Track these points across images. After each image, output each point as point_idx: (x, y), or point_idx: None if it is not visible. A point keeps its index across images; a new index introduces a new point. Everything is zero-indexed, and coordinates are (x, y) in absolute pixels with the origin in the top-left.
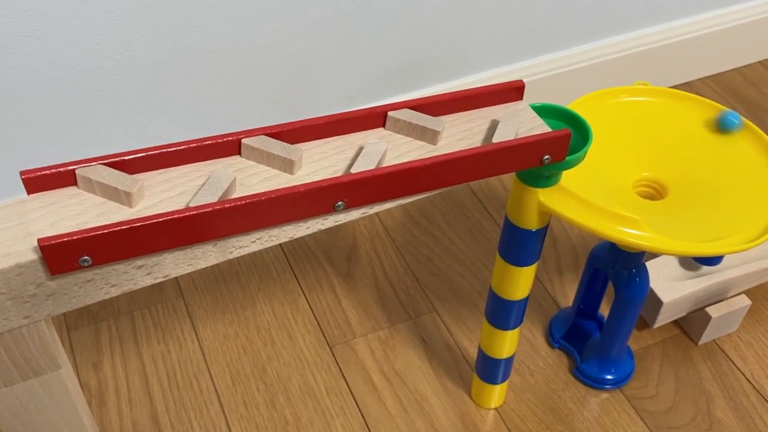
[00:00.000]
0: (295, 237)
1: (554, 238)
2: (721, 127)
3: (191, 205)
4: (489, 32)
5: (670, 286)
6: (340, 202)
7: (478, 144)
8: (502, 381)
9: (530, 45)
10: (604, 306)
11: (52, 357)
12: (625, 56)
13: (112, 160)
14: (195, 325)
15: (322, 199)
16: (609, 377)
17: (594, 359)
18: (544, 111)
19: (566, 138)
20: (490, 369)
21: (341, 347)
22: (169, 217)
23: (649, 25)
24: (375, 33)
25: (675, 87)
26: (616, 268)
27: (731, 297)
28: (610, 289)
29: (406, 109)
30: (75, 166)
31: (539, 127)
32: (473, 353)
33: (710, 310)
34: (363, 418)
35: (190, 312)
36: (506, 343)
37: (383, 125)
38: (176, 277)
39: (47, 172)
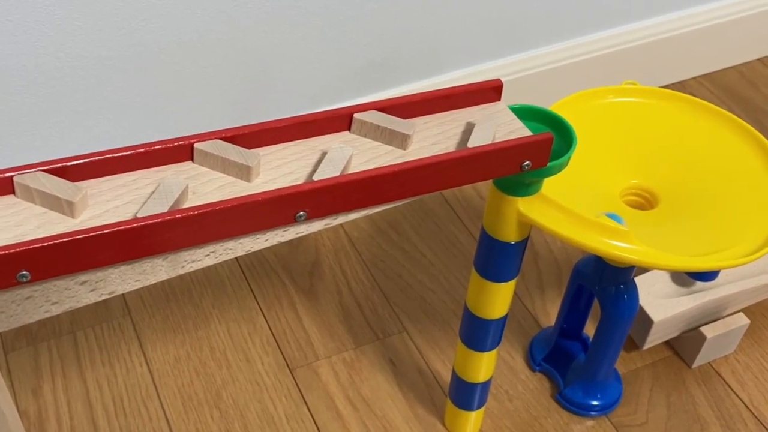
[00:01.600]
0: (253, 250)
1: (535, 251)
2: None
3: (139, 215)
4: (464, 27)
5: (661, 303)
6: (301, 213)
7: (451, 149)
8: (478, 407)
9: (509, 41)
10: (589, 325)
11: None
12: (612, 53)
13: (53, 166)
14: (143, 347)
15: (282, 209)
16: (595, 403)
17: (578, 383)
18: (524, 113)
19: (548, 142)
20: (465, 394)
21: (303, 370)
22: (115, 229)
23: (638, 20)
24: (340, 27)
25: (666, 87)
26: (602, 285)
27: (728, 315)
28: (595, 308)
29: (373, 111)
30: (12, 173)
31: (519, 130)
32: (447, 377)
33: (705, 329)
34: None
35: (138, 332)
36: (482, 366)
37: (348, 128)
38: (123, 294)
39: None
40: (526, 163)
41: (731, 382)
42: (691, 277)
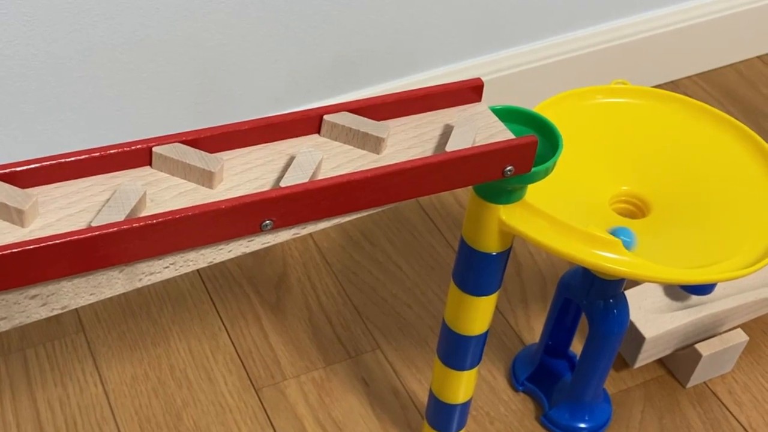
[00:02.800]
0: (216, 262)
1: (518, 263)
2: None
3: (94, 224)
4: (442, 22)
5: (653, 319)
6: (267, 221)
7: (428, 153)
8: (457, 430)
9: (491, 37)
10: (576, 342)
11: None
12: (601, 50)
13: (1, 171)
14: (98, 365)
15: (247, 218)
16: (582, 425)
17: (565, 404)
18: (507, 114)
19: (532, 146)
20: (443, 416)
21: (269, 390)
22: (68, 239)
23: (629, 15)
24: (308, 22)
25: (659, 86)
26: (590, 299)
27: (725, 332)
28: (583, 323)
29: (344, 113)
30: None
31: (501, 133)
32: (423, 397)
33: (700, 347)
34: None
35: (93, 349)
36: (462, 386)
37: (318, 131)
38: (76, 309)
39: None
40: (509, 168)
41: (729, 403)
42: (685, 291)
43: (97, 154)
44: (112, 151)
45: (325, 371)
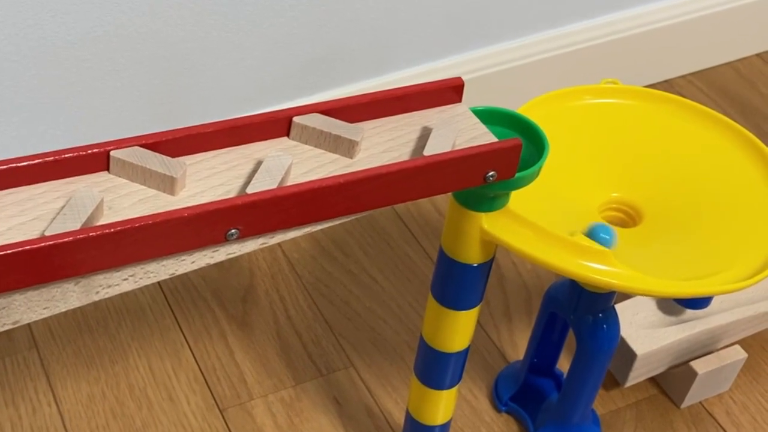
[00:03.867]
0: (178, 273)
1: (501, 274)
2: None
3: (47, 233)
4: (420, 17)
5: (645, 334)
6: (233, 230)
7: (405, 157)
8: None
9: (472, 33)
10: (563, 360)
11: None
12: (589, 48)
13: None
14: (52, 384)
15: (211, 226)
16: None
17: (551, 426)
18: (489, 116)
19: (516, 150)
20: None
21: (235, 411)
22: (20, 249)
23: (619, 9)
24: (276, 18)
25: (652, 86)
26: (577, 313)
27: (722, 348)
28: (570, 339)
29: (315, 114)
30: None
31: (482, 136)
32: (399, 418)
33: (696, 364)
34: None
35: (46, 367)
36: (441, 406)
37: (287, 134)
38: (29, 324)
39: None
40: (491, 173)
41: (726, 424)
42: (679, 305)
43: (51, 158)
44: (67, 156)
45: (295, 390)
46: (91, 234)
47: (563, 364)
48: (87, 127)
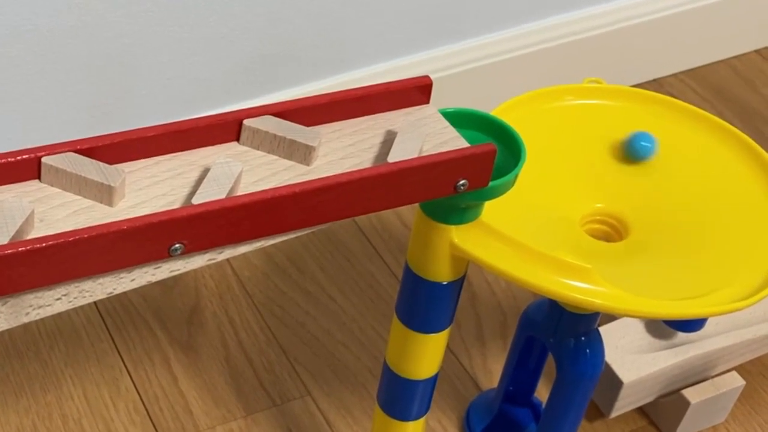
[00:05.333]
0: (116, 292)
1: (473, 293)
2: (632, 154)
3: None
4: (384, 9)
5: (632, 360)
6: (177, 245)
7: (367, 164)
8: None
9: (441, 27)
10: (541, 388)
11: None
12: (570, 44)
13: None
14: None
15: (153, 241)
16: None
17: None
18: (460, 118)
19: (489, 156)
20: None
21: None
22: None
23: (603, 1)
24: (224, 10)
25: (640, 86)
26: (558, 336)
27: (717, 375)
28: (549, 365)
29: (268, 116)
30: None
31: (452, 140)
32: None
33: (688, 393)
34: None
35: None
36: None
37: (237, 138)
38: None
39: None
40: (462, 182)
41: None
42: (670, 327)
43: None
44: None
45: (246, 421)
46: (20, 249)
47: (542, 393)
48: (15, 132)
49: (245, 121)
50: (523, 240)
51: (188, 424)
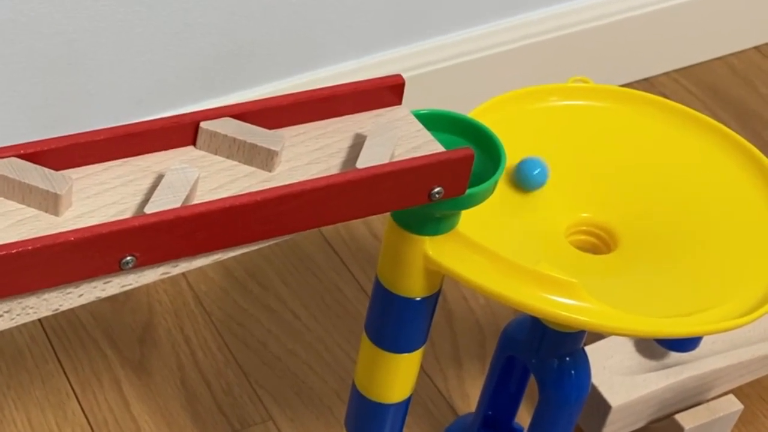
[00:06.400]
0: (62, 309)
1: (449, 310)
2: (522, 182)
3: None
4: (352, 4)
5: (621, 382)
6: (128, 258)
7: (334, 170)
8: None
9: (413, 23)
10: (522, 412)
11: None
12: (554, 39)
13: None
14: None
15: (103, 253)
16: None
17: None
18: (435, 121)
19: (467, 161)
20: None
21: None
22: None
23: None
24: (181, 4)
25: (629, 85)
26: (540, 356)
27: (713, 399)
28: (532, 387)
29: (227, 119)
30: None
31: (426, 144)
32: None
33: (682, 418)
34: None
35: None
36: None
37: (193, 142)
38: None
39: None
40: (437, 189)
41: None
42: (662, 346)
43: None
44: None
45: None
46: None
47: (523, 418)
48: None
49: (202, 124)
50: (502, 252)
51: None
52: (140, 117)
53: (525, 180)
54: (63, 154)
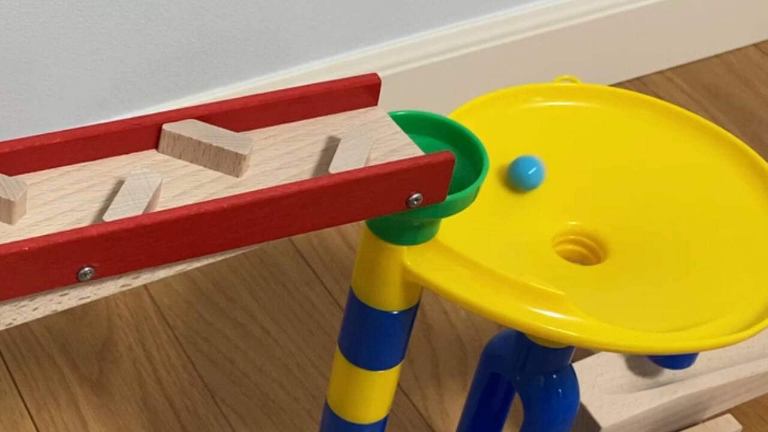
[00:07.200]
0: (16, 324)
1: (428, 325)
2: (517, 181)
3: None
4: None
5: (612, 401)
6: (86, 269)
7: (306, 175)
8: None
9: (390, 19)
10: None
11: None
12: (539, 36)
13: None
14: None
15: (59, 264)
16: None
17: None
18: (413, 123)
19: (447, 166)
20: None
21: None
22: None
23: None
24: None
25: (620, 85)
26: (525, 374)
27: (710, 419)
28: (516, 407)
29: (192, 120)
30: None
31: (404, 148)
32: None
33: None
34: None
35: None
36: None
37: (156, 146)
38: None
39: None
40: (416, 196)
41: None
42: (655, 363)
43: None
44: None
45: None
46: None
47: None
48: None
49: (165, 126)
50: (485, 263)
51: None
52: (100, 119)
53: (519, 180)
54: (17, 157)
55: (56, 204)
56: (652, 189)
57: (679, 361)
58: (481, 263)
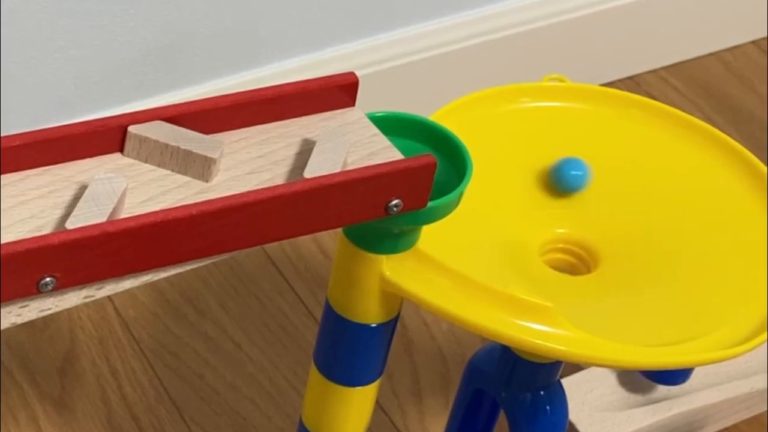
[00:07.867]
0: None
1: (408, 338)
2: (560, 184)
3: None
4: None
5: (602, 419)
6: (47, 279)
7: (280, 180)
8: None
9: (368, 15)
10: None
11: None
12: (526, 33)
13: None
14: None
15: (18, 274)
16: None
17: None
18: (392, 124)
19: (428, 170)
20: None
21: None
22: None
23: None
24: None
25: (611, 84)
26: (511, 390)
27: None
28: (502, 424)
29: (159, 122)
30: None
31: (383, 151)
32: None
33: None
34: None
35: None
36: None
37: (120, 149)
38: None
39: None
40: (395, 202)
41: None
42: (648, 379)
43: None
44: None
45: None
46: None
47: None
48: None
49: (131, 128)
50: (468, 272)
51: None
52: (62, 120)
53: (563, 181)
54: None
55: (16, 210)
56: (644, 194)
57: (674, 376)
58: (465, 273)
